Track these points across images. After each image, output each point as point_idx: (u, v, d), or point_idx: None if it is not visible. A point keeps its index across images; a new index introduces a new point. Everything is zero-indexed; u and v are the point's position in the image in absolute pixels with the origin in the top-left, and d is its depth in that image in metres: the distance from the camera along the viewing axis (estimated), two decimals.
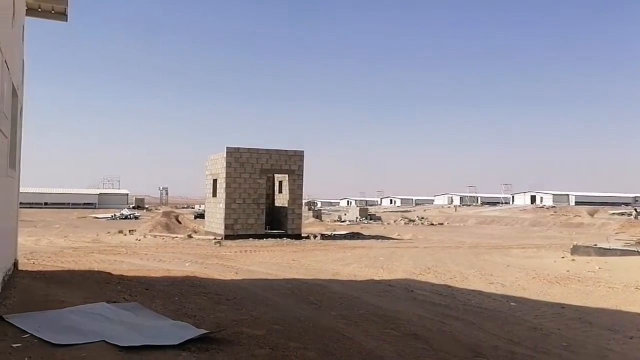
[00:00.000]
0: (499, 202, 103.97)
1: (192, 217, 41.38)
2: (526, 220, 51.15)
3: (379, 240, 24.83)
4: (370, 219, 49.51)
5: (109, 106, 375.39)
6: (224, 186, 23.29)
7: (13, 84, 7.53)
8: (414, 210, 76.51)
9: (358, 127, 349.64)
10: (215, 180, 24.98)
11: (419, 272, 13.37)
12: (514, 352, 5.96)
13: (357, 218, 49.28)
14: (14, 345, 4.74)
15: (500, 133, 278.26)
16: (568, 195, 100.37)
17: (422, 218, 52.18)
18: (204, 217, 29.32)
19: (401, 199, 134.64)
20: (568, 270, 13.88)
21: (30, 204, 64.18)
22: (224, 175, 23.33)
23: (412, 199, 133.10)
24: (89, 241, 20.62)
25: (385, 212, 73.22)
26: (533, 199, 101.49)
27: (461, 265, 15.02)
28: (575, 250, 18.48)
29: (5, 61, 6.12)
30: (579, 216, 53.11)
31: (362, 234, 27.72)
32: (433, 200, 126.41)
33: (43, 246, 17.65)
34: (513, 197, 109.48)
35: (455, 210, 74.54)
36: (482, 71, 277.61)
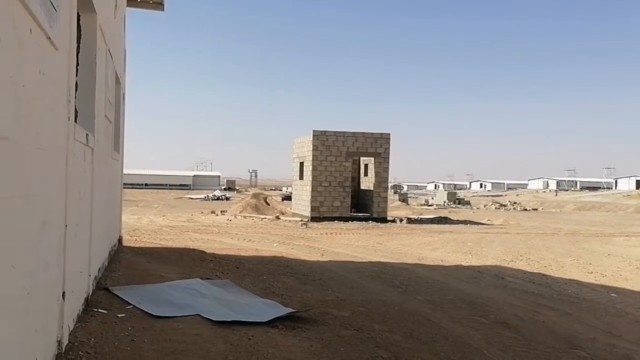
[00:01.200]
0: (600, 187, 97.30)
1: (280, 199, 42.36)
2: (631, 206, 47.40)
3: (468, 225, 24.12)
4: (459, 204, 48.12)
5: (203, 93, 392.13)
6: (310, 169, 23.62)
7: (116, 72, 8.05)
8: (506, 195, 73.45)
9: (447, 108, 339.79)
10: (302, 163, 25.39)
11: (511, 259, 12.86)
12: (613, 345, 5.59)
13: (444, 202, 48.10)
14: (119, 315, 5.13)
15: (603, 112, 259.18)
16: None
17: (515, 203, 49.95)
18: (291, 199, 29.94)
19: (492, 182, 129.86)
20: None
21: (132, 184, 68.83)
22: (311, 158, 23.65)
23: (504, 183, 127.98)
24: (185, 220, 21.77)
25: (474, 196, 70.94)
26: (639, 183, 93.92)
27: (557, 253, 14.26)
28: None
29: (109, 50, 6.54)
30: None
31: (449, 219, 27.06)
32: (527, 184, 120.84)
33: (144, 224, 18.88)
34: (616, 181, 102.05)
35: (556, 194, 70.61)
36: (582, 48, 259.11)
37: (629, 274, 11.05)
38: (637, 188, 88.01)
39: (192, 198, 51.65)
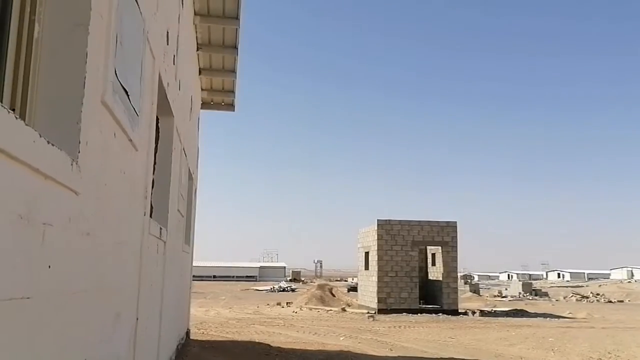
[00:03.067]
0: None
1: (346, 290, 41.63)
2: None
3: (547, 318, 22.52)
4: (535, 295, 45.36)
5: (270, 184, 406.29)
6: (376, 259, 23.25)
7: (189, 169, 8.51)
8: (587, 286, 68.66)
9: (518, 192, 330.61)
10: (367, 253, 25.08)
11: (598, 356, 11.76)
12: None
13: (519, 293, 45.50)
14: None
15: None
16: None
17: (598, 294, 46.49)
18: (356, 290, 29.36)
19: (570, 272, 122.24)
20: None
21: (201, 276, 70.01)
22: (376, 248, 23.36)
23: (584, 273, 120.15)
24: (251, 312, 21.69)
25: (552, 287, 66.75)
26: None
27: None
28: None
29: (184, 149, 6.97)
30: None
31: (526, 311, 25.44)
32: (609, 274, 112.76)
33: (211, 316, 18.95)
34: None
35: None
36: None
37: None
38: None
39: (258, 290, 51.73)
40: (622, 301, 42.03)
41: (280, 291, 49.04)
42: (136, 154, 3.63)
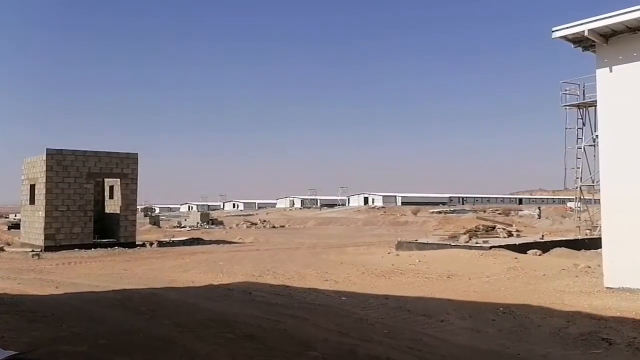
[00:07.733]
0: (336, 204, 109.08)
1: (6, 227, 37.03)
2: (360, 220, 54.43)
3: (220, 244, 24.53)
4: (212, 224, 48.72)
5: None
6: (44, 192, 21.08)
7: None
8: (257, 214, 77.03)
9: (199, 131, 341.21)
10: (33, 186, 22.49)
11: (259, 274, 13.46)
12: (341, 343, 6.28)
13: (198, 223, 48.16)
14: None
15: (339, 137, 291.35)
16: (395, 196, 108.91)
17: (265, 221, 52.73)
18: (19, 228, 26.33)
19: (244, 202, 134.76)
20: (393, 265, 15.03)
21: None
22: (44, 180, 21.13)
23: (255, 203, 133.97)
24: None
25: (228, 216, 72.54)
26: (366, 200, 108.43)
27: (299, 265, 15.45)
28: (400, 245, 20.14)
29: None
30: (405, 215, 58.11)
31: (202, 239, 27.14)
32: (275, 203, 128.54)
33: None
34: (349, 199, 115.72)
35: (320, 209, 76.94)
36: (313, 75, 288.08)
37: (357, 279, 12.60)
38: (365, 204, 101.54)
39: None
40: (283, 226, 48.77)
41: None
42: None
